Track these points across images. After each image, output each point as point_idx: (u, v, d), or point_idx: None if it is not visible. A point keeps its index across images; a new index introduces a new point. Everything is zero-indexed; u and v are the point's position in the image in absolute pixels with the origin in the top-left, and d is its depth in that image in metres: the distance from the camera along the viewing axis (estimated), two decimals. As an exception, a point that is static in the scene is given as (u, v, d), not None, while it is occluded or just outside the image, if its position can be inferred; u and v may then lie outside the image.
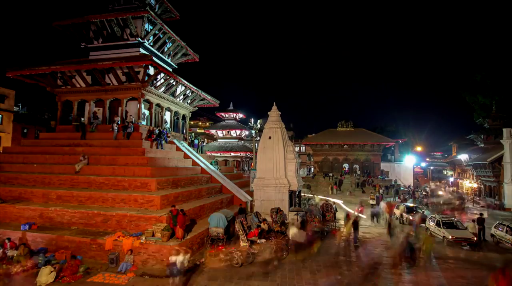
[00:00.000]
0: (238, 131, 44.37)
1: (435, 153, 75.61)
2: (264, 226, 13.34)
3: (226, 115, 45.00)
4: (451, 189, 43.39)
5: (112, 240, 11.50)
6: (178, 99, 23.98)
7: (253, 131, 28.49)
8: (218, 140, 45.28)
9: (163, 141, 19.01)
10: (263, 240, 12.60)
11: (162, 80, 20.88)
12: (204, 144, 32.13)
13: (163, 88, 21.32)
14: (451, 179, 55.59)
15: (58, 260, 10.80)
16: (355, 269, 11.24)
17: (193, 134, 28.77)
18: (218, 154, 41.24)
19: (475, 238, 14.68)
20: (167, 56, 23.87)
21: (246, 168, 43.49)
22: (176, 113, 24.58)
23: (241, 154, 43.12)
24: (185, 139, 25.19)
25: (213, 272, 10.72)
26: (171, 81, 21.41)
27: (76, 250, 11.47)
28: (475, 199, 34.35)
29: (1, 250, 10.84)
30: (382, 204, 20.82)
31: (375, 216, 19.52)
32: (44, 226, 13.14)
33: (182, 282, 9.35)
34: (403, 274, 10.73)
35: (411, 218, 18.72)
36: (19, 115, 34.28)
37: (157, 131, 19.25)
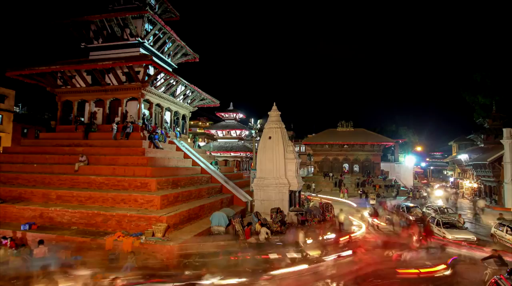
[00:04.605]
0: (238, 131, 44.36)
1: (435, 153, 75.66)
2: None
3: (226, 115, 44.99)
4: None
5: (112, 240, 11.50)
6: (178, 99, 23.97)
7: (253, 131, 28.56)
8: (218, 140, 45.27)
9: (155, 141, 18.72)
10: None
11: (162, 80, 20.88)
12: (202, 143, 32.12)
13: (163, 88, 21.32)
14: (451, 179, 55.60)
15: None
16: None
17: (191, 135, 28.77)
18: (218, 154, 41.21)
19: (475, 239, 14.68)
20: (167, 56, 23.87)
21: (246, 168, 43.50)
22: (176, 113, 24.58)
23: (241, 154, 43.12)
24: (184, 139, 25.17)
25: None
26: (171, 81, 21.41)
27: (76, 250, 11.45)
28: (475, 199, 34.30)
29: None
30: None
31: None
32: (44, 226, 13.15)
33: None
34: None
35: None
36: (19, 115, 34.28)
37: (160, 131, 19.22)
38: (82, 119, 20.87)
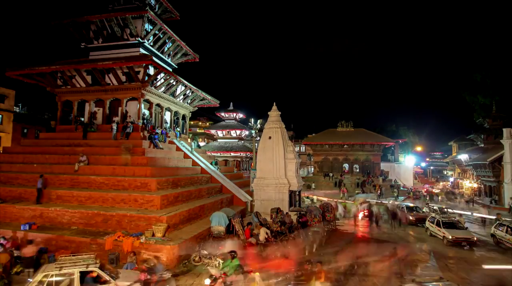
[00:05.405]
0: (238, 131, 44.33)
1: (435, 153, 75.72)
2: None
3: (226, 115, 44.95)
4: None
5: (112, 240, 11.49)
6: (178, 99, 23.96)
7: (253, 131, 28.46)
8: (218, 140, 45.24)
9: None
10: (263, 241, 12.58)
11: (162, 80, 20.87)
12: (202, 143, 32.11)
13: (163, 88, 21.31)
14: (451, 179, 55.60)
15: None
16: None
17: (191, 135, 28.79)
18: (218, 154, 41.19)
19: (475, 238, 14.68)
20: (167, 56, 23.86)
21: (246, 168, 43.48)
22: (176, 113, 24.58)
23: (241, 154, 43.09)
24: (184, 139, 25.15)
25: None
26: (171, 81, 21.41)
27: (76, 250, 11.43)
28: (475, 199, 34.27)
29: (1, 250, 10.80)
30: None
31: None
32: (44, 226, 13.14)
33: None
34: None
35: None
36: (19, 115, 34.28)
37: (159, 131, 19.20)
38: (82, 119, 20.87)
